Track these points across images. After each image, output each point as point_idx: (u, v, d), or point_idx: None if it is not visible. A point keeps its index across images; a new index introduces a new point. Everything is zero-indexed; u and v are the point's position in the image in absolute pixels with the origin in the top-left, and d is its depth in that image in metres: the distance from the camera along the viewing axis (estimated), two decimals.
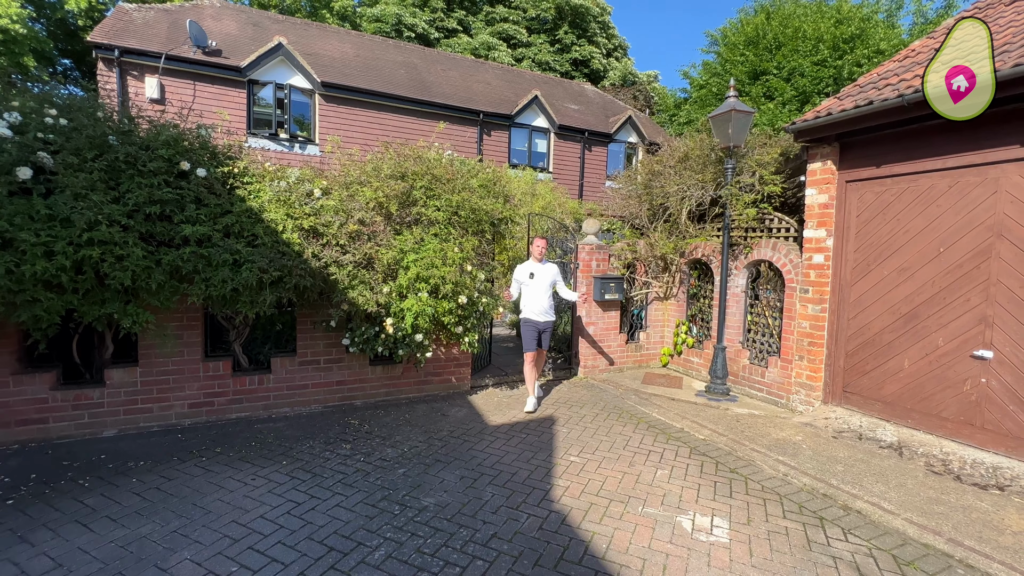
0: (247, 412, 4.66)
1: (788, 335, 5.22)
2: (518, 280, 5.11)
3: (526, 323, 5.10)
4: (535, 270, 5.06)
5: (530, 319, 5.08)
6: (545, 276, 5.07)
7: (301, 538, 2.78)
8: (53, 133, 3.41)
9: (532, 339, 5.08)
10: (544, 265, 5.12)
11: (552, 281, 5.13)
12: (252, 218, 3.88)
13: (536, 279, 5.03)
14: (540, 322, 5.08)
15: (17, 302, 3.15)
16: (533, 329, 5.08)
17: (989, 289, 3.77)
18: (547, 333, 5.18)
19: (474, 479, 3.53)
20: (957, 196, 3.97)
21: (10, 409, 3.89)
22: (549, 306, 5.08)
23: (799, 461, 3.91)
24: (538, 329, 5.09)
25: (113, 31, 8.85)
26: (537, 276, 5.04)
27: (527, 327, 5.09)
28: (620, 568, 2.60)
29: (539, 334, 5.11)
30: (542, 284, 5.04)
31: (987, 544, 2.83)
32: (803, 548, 2.82)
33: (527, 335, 5.09)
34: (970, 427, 3.89)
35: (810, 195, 4.99)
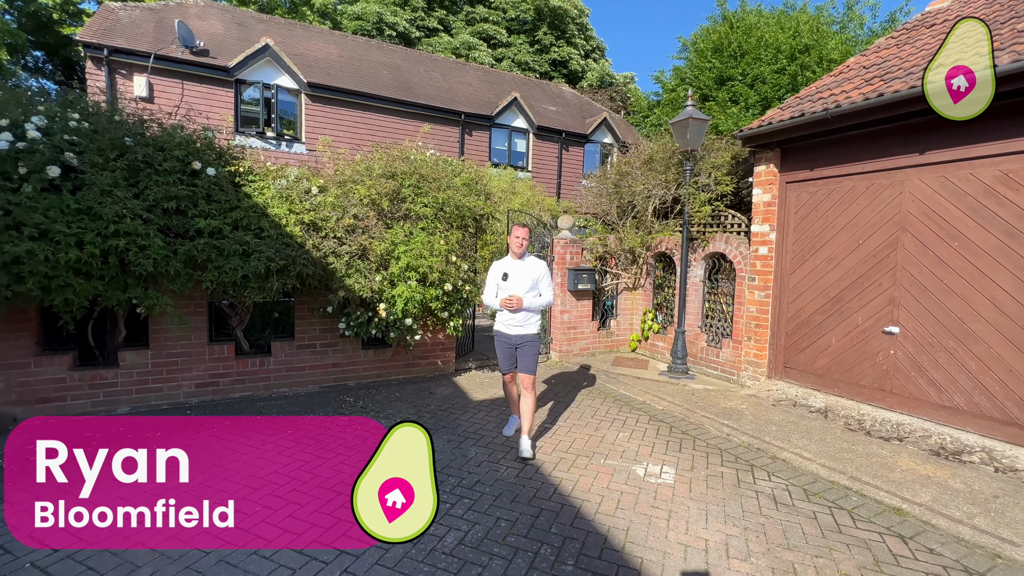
0: (249, 392, 5.07)
1: (739, 319, 5.88)
2: (493, 283, 3.85)
3: (499, 337, 3.88)
4: (511, 269, 3.77)
5: (501, 332, 3.84)
6: (525, 276, 3.73)
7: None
8: (77, 135, 3.78)
9: (506, 358, 3.89)
10: (525, 262, 3.79)
11: (535, 282, 3.75)
12: (258, 213, 4.30)
13: (512, 280, 3.73)
14: (513, 336, 3.78)
15: (52, 287, 3.52)
16: (506, 344, 3.84)
17: (896, 274, 4.45)
18: (526, 349, 3.79)
19: (460, 441, 4.04)
20: (872, 196, 4.65)
21: (31, 388, 4.23)
22: (527, 315, 3.75)
23: (741, 424, 4.53)
24: (512, 344, 3.82)
25: (101, 30, 9.01)
26: (513, 276, 3.73)
27: (499, 343, 3.89)
28: (582, 502, 3.15)
29: (514, 350, 3.84)
30: (519, 287, 3.71)
31: (879, 479, 3.48)
32: (734, 486, 3.42)
33: (500, 352, 3.91)
34: (882, 392, 4.58)
35: (756, 194, 5.64)
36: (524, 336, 3.80)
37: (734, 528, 2.89)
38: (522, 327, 3.79)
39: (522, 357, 3.83)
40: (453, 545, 2.65)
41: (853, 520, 3.01)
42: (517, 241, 3.77)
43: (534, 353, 3.84)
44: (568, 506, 3.09)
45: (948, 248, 4.12)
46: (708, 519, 2.98)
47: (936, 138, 4.17)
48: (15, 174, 3.49)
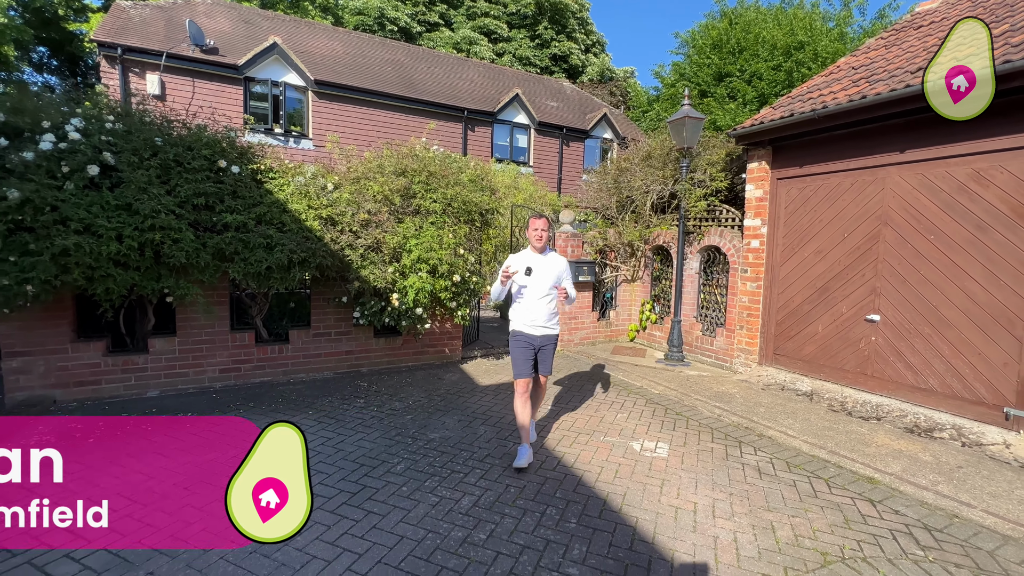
0: (269, 377, 5.38)
1: (732, 309, 6.17)
2: (509, 275, 3.48)
3: (518, 338, 3.57)
4: (535, 263, 3.52)
5: (522, 332, 3.56)
6: (550, 272, 3.54)
7: (337, 459, 3.56)
8: (112, 136, 4.05)
9: (526, 360, 3.56)
10: (547, 257, 3.59)
11: (558, 279, 3.57)
12: (279, 208, 4.59)
13: (536, 276, 3.51)
14: (537, 336, 3.56)
15: (95, 276, 3.81)
16: (526, 346, 3.55)
17: (877, 266, 4.75)
18: (548, 350, 3.62)
19: (469, 421, 4.35)
20: (856, 192, 4.93)
21: (69, 372, 4.53)
22: (552, 312, 3.58)
23: (731, 406, 4.84)
24: (534, 347, 3.58)
25: (114, 29, 9.24)
26: (538, 271, 3.51)
27: (519, 344, 3.56)
28: (583, 473, 3.46)
29: (535, 353, 3.59)
30: (544, 283, 3.51)
31: (856, 453, 3.79)
32: (722, 459, 3.73)
33: (518, 355, 3.56)
34: (864, 376, 4.89)
35: (749, 190, 5.92)
36: (549, 337, 3.60)
37: (720, 494, 3.20)
38: (547, 327, 3.57)
39: (543, 359, 3.64)
40: (468, 507, 2.96)
41: (829, 487, 3.32)
42: (536, 234, 3.53)
43: (553, 352, 3.68)
44: (571, 476, 3.40)
45: (925, 241, 4.41)
46: (698, 486, 3.29)
47: (915, 138, 4.45)
48: (59, 172, 3.77)
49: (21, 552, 2.47)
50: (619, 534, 2.74)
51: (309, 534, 2.65)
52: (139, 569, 2.38)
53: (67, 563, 2.41)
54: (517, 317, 3.62)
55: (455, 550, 2.55)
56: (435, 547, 2.57)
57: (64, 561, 2.42)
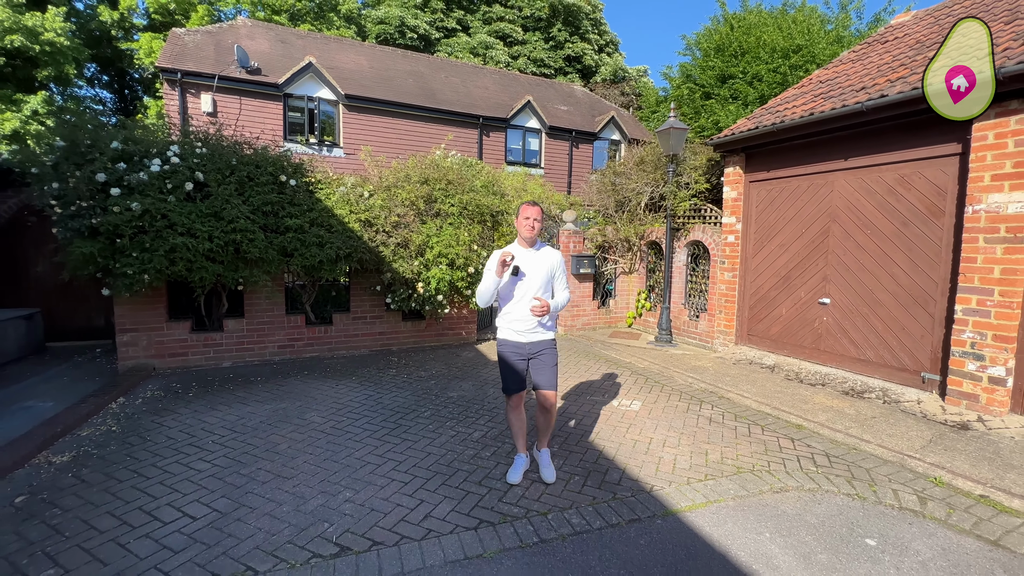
0: (316, 353, 6.48)
1: (712, 296, 7.03)
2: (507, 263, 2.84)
3: (505, 347, 3.07)
4: (525, 260, 2.98)
5: (510, 341, 3.06)
6: (540, 269, 3.01)
7: (378, 409, 4.60)
8: (200, 159, 5.18)
9: (516, 373, 3.05)
10: (539, 252, 3.06)
11: (550, 276, 3.06)
12: (327, 213, 5.66)
13: (528, 277, 2.98)
14: (525, 344, 3.03)
15: (193, 268, 4.95)
16: (516, 356, 3.04)
17: (828, 256, 5.56)
18: (545, 358, 3.06)
19: (481, 385, 5.35)
20: (812, 194, 5.74)
21: (164, 346, 5.71)
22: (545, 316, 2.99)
23: (703, 376, 5.73)
24: (524, 356, 3.05)
25: (173, 56, 10.53)
26: (529, 268, 2.98)
27: (507, 354, 3.07)
28: (569, 418, 4.42)
29: (527, 362, 3.07)
30: (535, 281, 2.99)
31: (796, 409, 4.66)
32: (683, 412, 4.65)
33: (506, 366, 3.07)
34: (817, 351, 5.71)
35: (726, 191, 6.75)
36: (541, 342, 3.04)
37: (673, 433, 4.13)
38: (538, 331, 3.03)
39: (539, 369, 3.05)
40: (479, 438, 3.96)
41: (763, 430, 4.21)
42: (528, 223, 2.96)
43: (554, 363, 3.08)
44: (558, 420, 4.37)
45: (864, 234, 5.21)
46: (657, 428, 4.22)
47: (856, 147, 5.25)
48: (164, 188, 4.91)
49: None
50: (588, 455, 3.70)
51: (363, 450, 3.69)
52: (253, 466, 3.45)
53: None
54: (504, 323, 3.09)
55: (468, 460, 3.56)
56: (453, 458, 3.58)
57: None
